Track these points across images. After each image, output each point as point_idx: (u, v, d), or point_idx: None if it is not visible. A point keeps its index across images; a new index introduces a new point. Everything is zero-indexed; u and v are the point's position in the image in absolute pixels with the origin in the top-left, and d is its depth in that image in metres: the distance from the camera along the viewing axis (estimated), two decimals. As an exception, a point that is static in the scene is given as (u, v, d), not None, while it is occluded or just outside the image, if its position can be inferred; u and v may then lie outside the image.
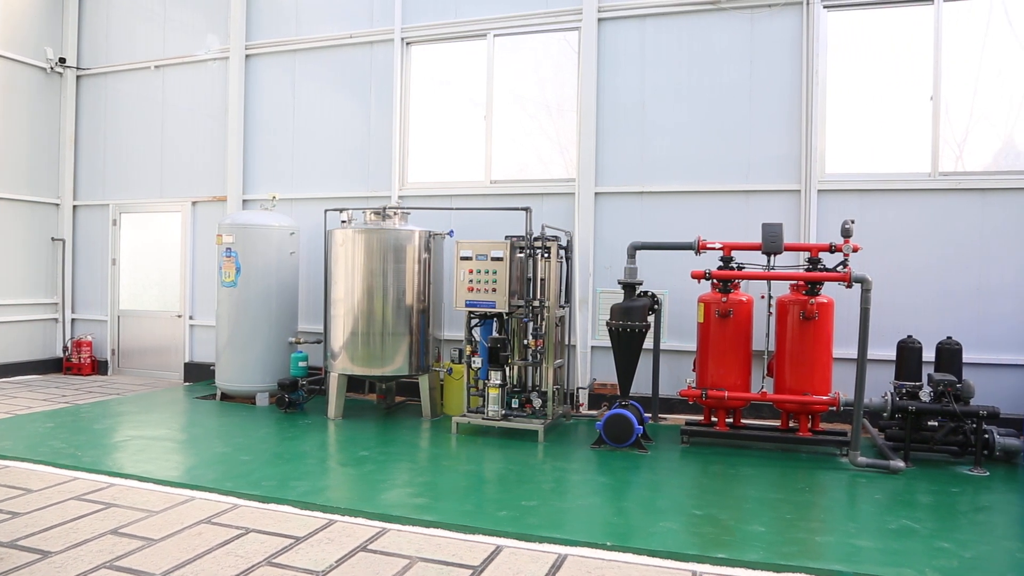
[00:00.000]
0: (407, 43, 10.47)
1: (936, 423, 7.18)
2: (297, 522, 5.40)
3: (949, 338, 7.72)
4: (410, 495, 6.02)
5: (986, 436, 7.13)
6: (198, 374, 11.49)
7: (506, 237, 8.41)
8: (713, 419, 7.97)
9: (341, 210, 9.18)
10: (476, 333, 8.50)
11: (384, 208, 8.95)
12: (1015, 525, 5.65)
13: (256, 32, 11.22)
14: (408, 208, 9.37)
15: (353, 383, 9.56)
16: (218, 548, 4.87)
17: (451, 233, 9.36)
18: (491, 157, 10.11)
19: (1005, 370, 8.14)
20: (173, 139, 11.82)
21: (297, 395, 9.32)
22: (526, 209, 8.36)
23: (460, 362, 8.94)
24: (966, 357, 7.71)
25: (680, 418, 8.75)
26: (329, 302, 9.05)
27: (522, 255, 8.40)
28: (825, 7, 8.80)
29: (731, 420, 7.95)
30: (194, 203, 11.66)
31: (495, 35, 10.04)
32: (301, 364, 9.50)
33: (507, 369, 8.26)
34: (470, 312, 8.29)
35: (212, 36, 11.47)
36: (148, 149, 12.00)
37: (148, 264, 12.14)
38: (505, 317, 8.34)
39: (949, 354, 7.61)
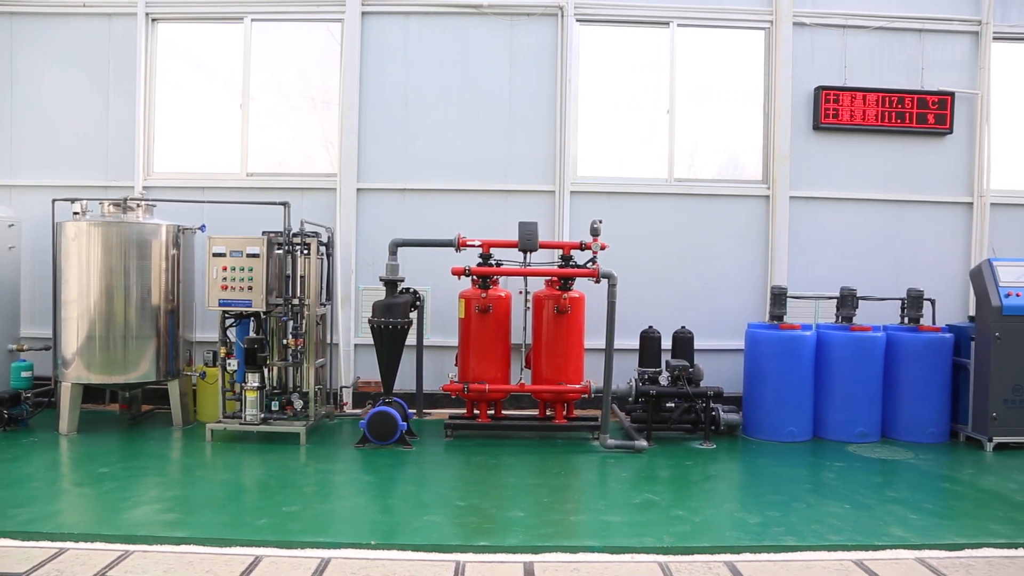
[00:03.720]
0: (153, 19, 9.59)
1: (673, 404, 7.99)
2: (18, 556, 4.75)
3: (683, 327, 8.60)
4: (158, 511, 5.56)
5: (713, 413, 8.04)
6: None
7: (263, 233, 8.05)
8: (476, 412, 8.20)
9: (73, 200, 8.24)
10: (232, 334, 8.04)
11: (126, 199, 8.17)
12: (735, 490, 6.48)
13: (-38, -8, 9.70)
14: (154, 200, 8.61)
15: (91, 393, 8.63)
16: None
17: (203, 228, 8.75)
18: (248, 148, 9.59)
19: (727, 354, 9.22)
20: None
21: (20, 410, 8.22)
22: (284, 204, 8.05)
23: (214, 365, 8.40)
24: (697, 344, 8.63)
25: (444, 412, 8.89)
26: (60, 304, 8.10)
27: (281, 251, 8.07)
28: (578, 20, 9.38)
29: (493, 412, 8.24)
30: None
31: (253, 20, 9.52)
32: (24, 374, 8.39)
33: (266, 370, 7.91)
34: (224, 312, 7.83)
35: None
36: None
37: None
38: (263, 316, 7.99)
39: (683, 342, 8.49)
